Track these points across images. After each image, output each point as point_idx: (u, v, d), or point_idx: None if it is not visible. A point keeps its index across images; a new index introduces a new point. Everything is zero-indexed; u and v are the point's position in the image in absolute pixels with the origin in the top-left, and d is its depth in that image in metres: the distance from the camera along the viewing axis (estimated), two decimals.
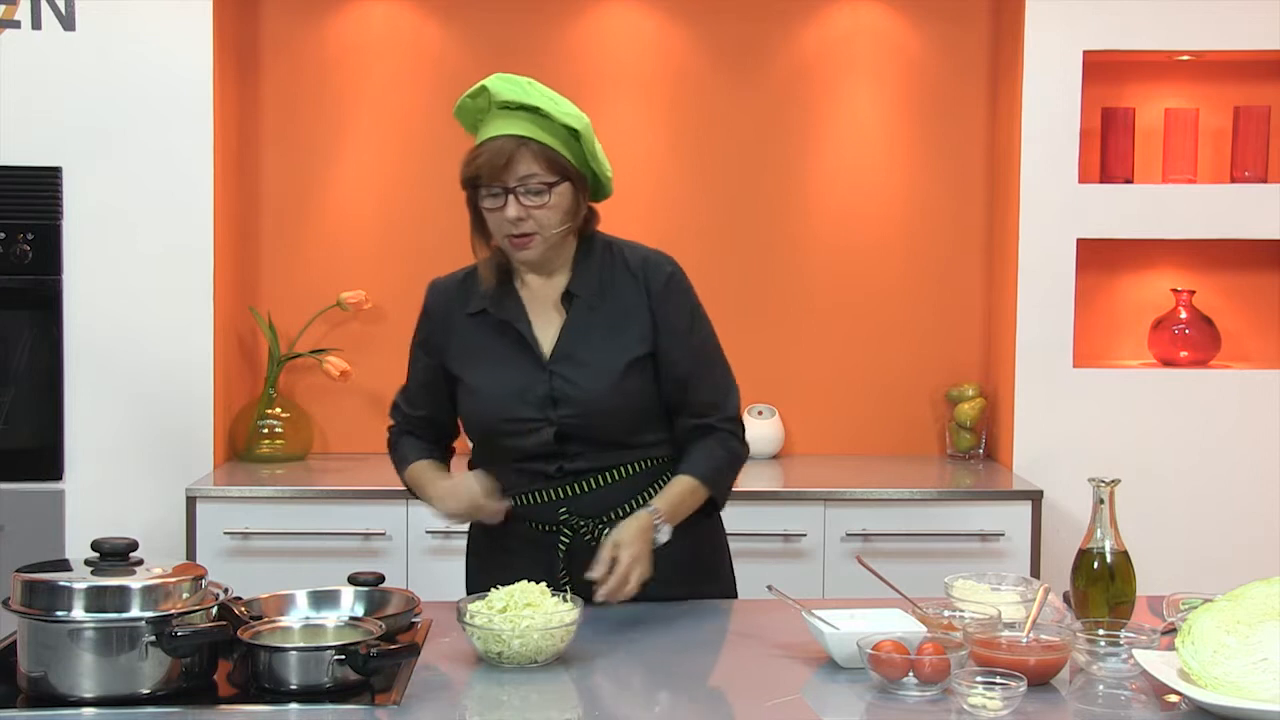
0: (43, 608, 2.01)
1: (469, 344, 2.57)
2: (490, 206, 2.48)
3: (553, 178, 2.44)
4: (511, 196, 2.44)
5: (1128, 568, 2.40)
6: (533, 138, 2.43)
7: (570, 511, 2.52)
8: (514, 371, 2.51)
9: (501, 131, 2.45)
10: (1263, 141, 4.05)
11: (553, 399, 2.49)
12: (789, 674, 2.23)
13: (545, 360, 2.50)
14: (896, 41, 4.28)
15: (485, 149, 2.46)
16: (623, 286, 2.53)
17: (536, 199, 2.44)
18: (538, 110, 2.44)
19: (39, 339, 3.84)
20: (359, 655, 2.03)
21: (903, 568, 2.67)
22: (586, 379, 2.48)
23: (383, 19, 4.25)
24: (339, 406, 4.28)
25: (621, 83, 4.27)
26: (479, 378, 2.54)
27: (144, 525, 3.78)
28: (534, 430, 2.49)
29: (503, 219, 2.46)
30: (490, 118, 2.49)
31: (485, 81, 2.49)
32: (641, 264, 2.54)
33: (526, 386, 2.49)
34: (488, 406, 2.53)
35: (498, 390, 2.52)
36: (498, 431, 2.53)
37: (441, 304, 2.63)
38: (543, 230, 2.46)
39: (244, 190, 4.21)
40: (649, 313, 2.51)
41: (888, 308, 4.32)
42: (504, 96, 2.45)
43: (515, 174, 2.43)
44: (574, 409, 2.48)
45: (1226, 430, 3.98)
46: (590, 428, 2.49)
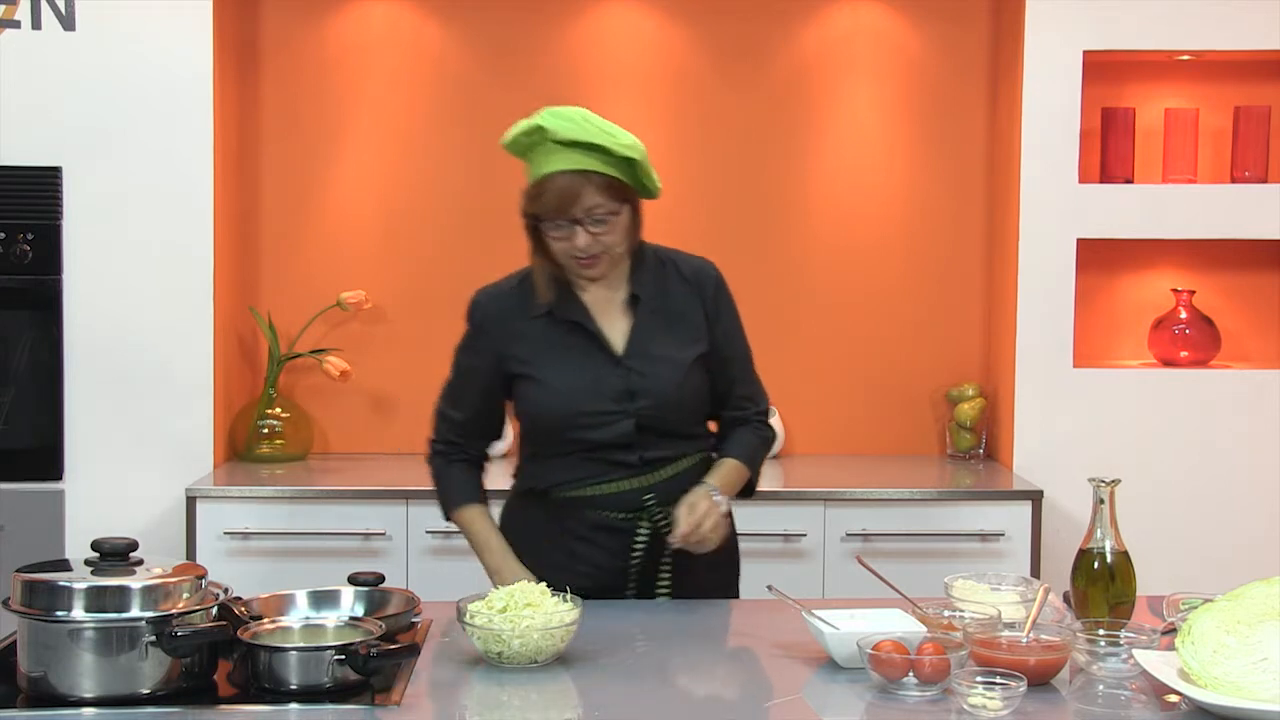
0: (43, 608, 2.02)
1: (536, 344, 2.65)
2: (557, 236, 2.57)
3: (616, 205, 2.55)
4: (579, 227, 2.54)
5: (1128, 568, 2.40)
6: (595, 170, 2.52)
7: (655, 499, 2.62)
8: (588, 367, 2.62)
9: (563, 167, 2.52)
10: (1263, 141, 4.05)
11: (630, 392, 2.61)
12: (789, 674, 2.23)
13: (619, 356, 2.62)
14: (896, 41, 4.28)
15: (550, 187, 2.53)
16: (677, 291, 2.68)
17: (602, 226, 2.55)
18: (594, 146, 2.52)
19: (39, 339, 3.84)
20: (359, 655, 2.03)
21: (903, 568, 2.67)
22: (660, 372, 2.62)
23: (383, 19, 4.25)
24: (339, 406, 4.28)
25: (621, 83, 4.27)
26: (552, 374, 2.63)
27: (144, 525, 3.79)
28: (613, 422, 2.60)
29: (571, 246, 2.56)
30: (546, 151, 2.55)
31: (539, 120, 2.53)
32: (694, 272, 2.70)
33: (603, 381, 2.61)
34: (565, 401, 2.61)
35: (574, 385, 2.61)
36: (575, 425, 2.61)
37: (495, 312, 2.70)
38: (609, 251, 2.58)
39: (244, 190, 4.21)
40: (703, 316, 2.68)
41: (888, 308, 4.32)
42: (562, 136, 2.51)
43: (581, 206, 2.53)
44: (651, 400, 2.61)
45: (1226, 430, 3.98)
46: (665, 419, 2.62)
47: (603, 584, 2.60)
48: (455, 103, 4.26)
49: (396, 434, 4.28)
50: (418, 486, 3.75)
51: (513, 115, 4.21)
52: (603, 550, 2.63)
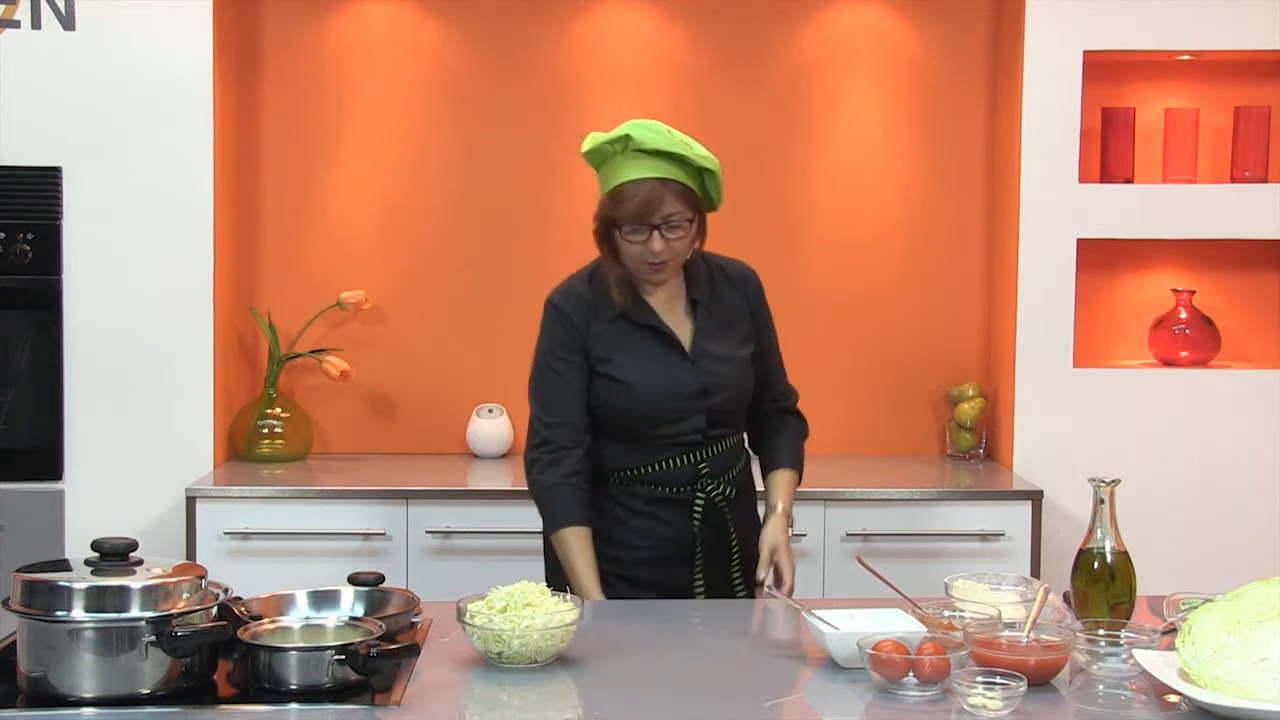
0: (43, 608, 2.01)
1: (614, 345, 2.78)
2: (634, 240, 2.70)
3: (690, 214, 2.71)
4: (656, 233, 2.68)
5: (1128, 568, 2.40)
6: (675, 180, 2.68)
7: (709, 470, 2.80)
8: (665, 368, 2.77)
9: (646, 175, 2.67)
10: (1263, 141, 4.05)
11: (704, 390, 2.77)
12: (789, 674, 2.23)
13: (691, 356, 2.79)
14: (896, 41, 4.28)
15: (635, 192, 2.67)
16: (725, 293, 2.87)
17: (675, 233, 2.70)
18: (675, 155, 2.67)
19: (39, 339, 3.84)
20: (359, 655, 2.03)
21: (903, 568, 2.67)
22: (726, 371, 2.80)
23: (383, 19, 4.25)
24: (339, 406, 4.28)
25: (621, 82, 4.27)
26: (634, 376, 2.76)
27: (144, 525, 3.79)
28: (688, 417, 2.77)
29: (646, 250, 2.70)
30: (625, 160, 2.69)
31: (627, 129, 2.68)
32: (740, 275, 2.91)
33: (679, 380, 2.77)
34: (646, 401, 2.75)
35: (655, 386, 2.76)
36: (654, 422, 2.77)
37: (580, 310, 2.80)
38: (676, 258, 2.74)
39: (244, 190, 4.21)
40: (749, 316, 2.88)
41: (888, 308, 4.32)
42: (648, 145, 2.66)
43: (661, 213, 2.67)
44: (721, 396, 2.79)
45: (1226, 430, 3.98)
46: (730, 410, 2.82)
47: (665, 554, 2.78)
48: (455, 103, 4.26)
49: (396, 434, 4.29)
50: (418, 486, 3.76)
51: (513, 115, 4.26)
52: (660, 522, 2.79)
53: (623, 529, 2.80)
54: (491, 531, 3.68)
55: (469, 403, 4.24)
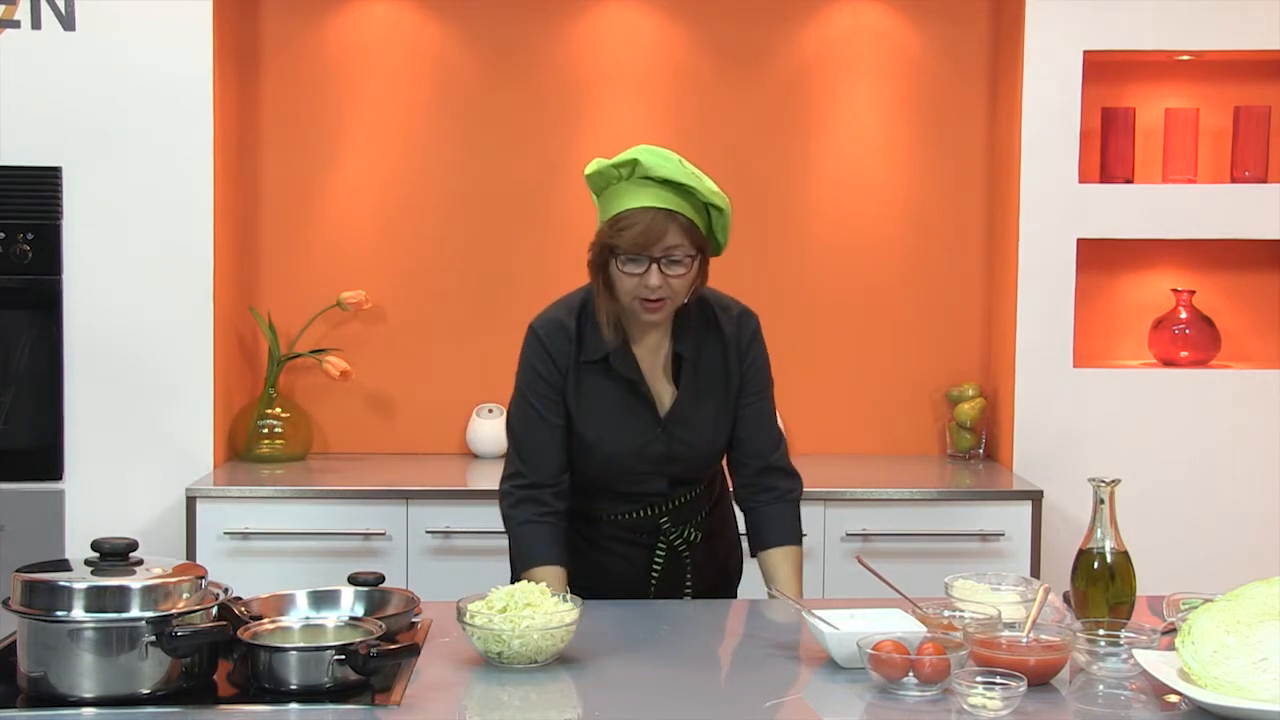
0: (43, 608, 2.01)
1: (588, 390, 2.66)
2: (630, 272, 2.55)
3: (693, 250, 2.55)
4: (655, 266, 2.53)
5: (1128, 568, 2.40)
6: (681, 212, 2.52)
7: (670, 521, 2.73)
8: (633, 428, 2.66)
9: (650, 204, 2.52)
10: (1263, 141, 4.05)
11: (669, 457, 2.67)
12: (789, 674, 2.23)
13: (663, 421, 2.67)
14: (896, 41, 4.28)
15: (637, 220, 2.51)
16: (714, 348, 2.70)
17: (675, 269, 2.54)
18: (684, 186, 2.53)
19: (39, 339, 3.84)
20: (359, 655, 2.03)
21: (903, 568, 2.67)
22: (697, 440, 2.69)
23: (383, 19, 4.25)
24: (339, 406, 4.28)
25: (621, 83, 4.27)
26: (600, 433, 2.65)
27: (144, 525, 3.79)
28: (649, 479, 2.69)
29: (641, 284, 2.54)
30: (630, 187, 2.54)
31: (636, 154, 2.53)
32: (734, 326, 2.72)
33: (646, 445, 2.66)
34: (608, 460, 2.67)
35: (619, 447, 2.66)
36: (613, 480, 2.70)
37: (562, 347, 2.66)
38: (674, 297, 2.58)
39: (244, 190, 4.21)
40: (739, 372, 2.72)
41: (888, 308, 4.32)
42: (656, 172, 2.52)
43: (662, 245, 2.52)
44: (687, 465, 2.70)
45: (1226, 430, 3.98)
46: (695, 472, 2.73)
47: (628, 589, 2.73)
48: (455, 103, 4.26)
49: (396, 434, 4.29)
50: (418, 486, 3.76)
51: (513, 115, 4.27)
52: (624, 561, 2.74)
53: (586, 561, 2.71)
54: (491, 531, 3.65)
55: (469, 403, 4.25)
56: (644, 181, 2.52)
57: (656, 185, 2.51)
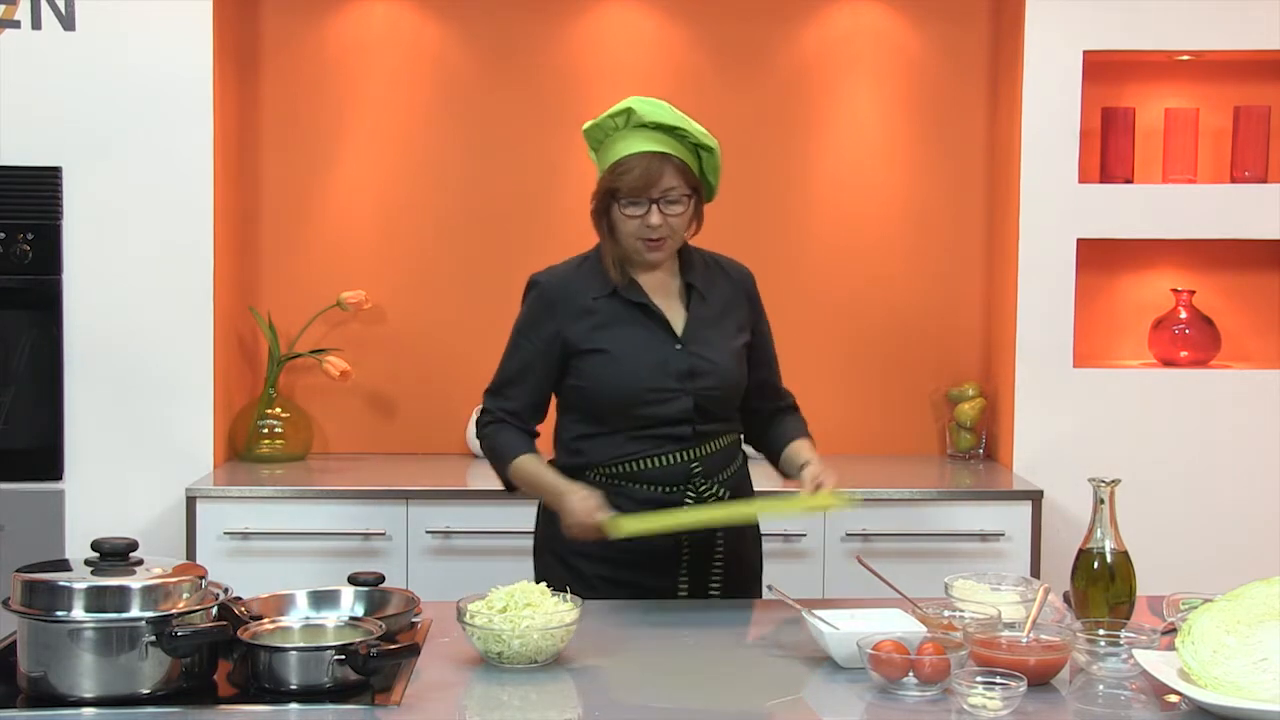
0: (43, 608, 2.02)
1: (603, 322, 2.75)
2: (632, 214, 2.70)
3: (688, 190, 2.71)
4: (655, 206, 2.68)
5: (1128, 568, 2.41)
6: (674, 154, 2.69)
7: (701, 469, 2.75)
8: (653, 347, 2.74)
9: (645, 148, 2.68)
10: (1263, 141, 4.05)
11: (691, 372, 2.73)
12: (789, 674, 2.23)
13: (680, 338, 2.75)
14: (896, 41, 4.28)
15: (634, 165, 2.68)
16: (722, 285, 2.85)
17: (674, 208, 2.70)
18: (676, 130, 2.69)
19: (39, 339, 3.84)
20: (359, 655, 2.03)
21: (903, 568, 2.67)
22: (717, 357, 2.77)
23: (383, 19, 4.25)
24: (339, 406, 4.28)
25: (621, 83, 4.26)
26: (621, 351, 2.73)
27: (144, 525, 3.79)
28: (675, 399, 2.72)
29: (643, 225, 2.69)
30: (626, 135, 2.72)
31: (630, 103, 2.70)
32: (737, 270, 2.90)
33: (668, 360, 2.73)
34: (633, 377, 2.72)
35: (642, 362, 2.72)
36: (640, 400, 2.71)
37: (561, 290, 2.78)
38: (674, 235, 2.73)
39: (244, 190, 4.21)
40: (746, 311, 2.86)
41: (888, 308, 4.32)
42: (649, 118, 2.68)
43: (659, 187, 2.68)
44: (710, 381, 2.75)
45: (1226, 430, 3.98)
46: (719, 399, 2.77)
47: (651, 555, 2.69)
48: (455, 103, 4.26)
49: (396, 434, 4.29)
50: (418, 486, 3.76)
51: (513, 115, 4.26)
52: None
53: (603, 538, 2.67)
54: (491, 531, 3.68)
55: (469, 403, 4.23)
56: (639, 129, 2.69)
57: (650, 130, 2.68)
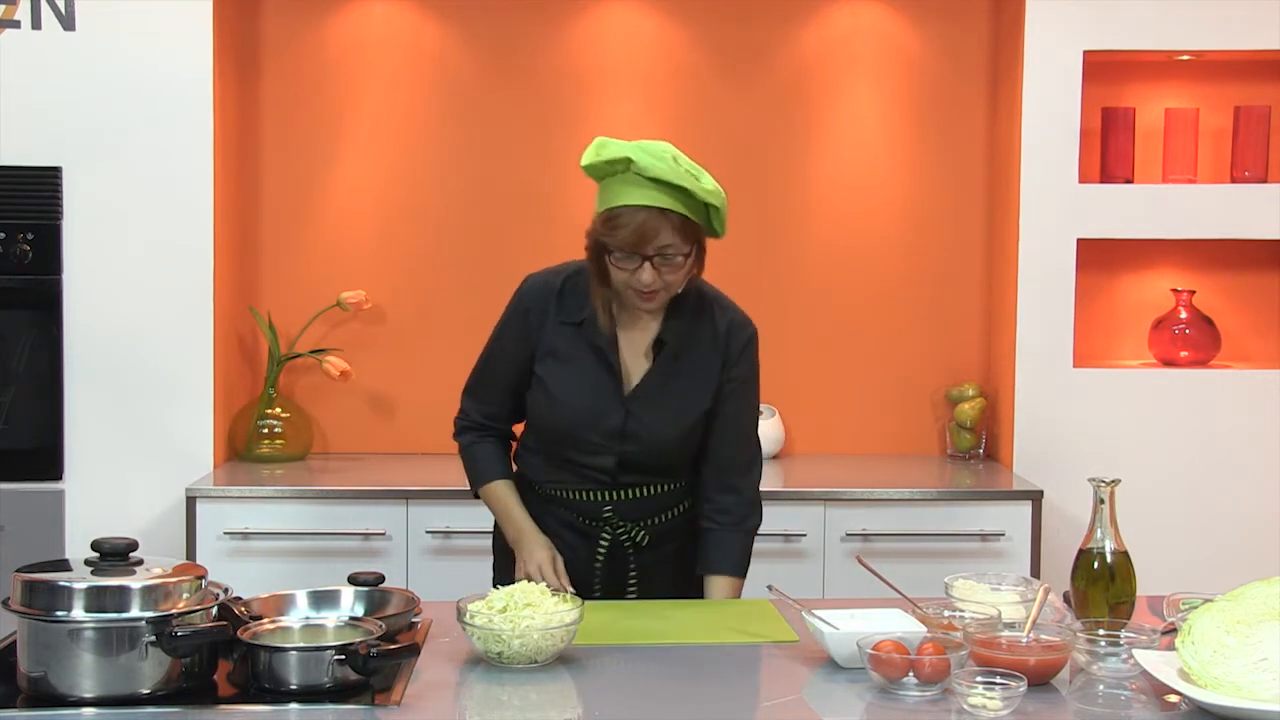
0: (43, 608, 2.01)
1: (559, 350, 2.67)
2: (624, 268, 2.54)
3: (687, 248, 2.53)
4: (648, 263, 2.52)
5: (1128, 568, 2.40)
6: (675, 211, 2.49)
7: (614, 513, 2.70)
8: (595, 395, 2.64)
9: (644, 203, 2.49)
10: (1263, 141, 4.05)
11: (623, 434, 2.64)
12: (789, 674, 2.23)
13: (626, 395, 2.65)
14: (896, 41, 4.28)
15: (628, 220, 2.49)
16: (703, 345, 2.67)
17: (668, 265, 2.53)
18: (680, 187, 2.49)
19: (39, 339, 3.84)
20: (359, 655, 2.03)
21: (903, 568, 2.67)
22: (659, 424, 2.65)
23: (383, 19, 4.25)
24: (339, 406, 4.28)
25: (621, 83, 4.27)
26: (563, 389, 2.66)
27: (144, 525, 3.79)
28: (599, 453, 2.66)
29: (634, 279, 2.54)
30: (626, 182, 2.51)
31: (630, 152, 2.50)
32: (726, 329, 2.69)
33: (603, 414, 2.64)
34: (563, 421, 2.66)
35: (576, 409, 2.65)
36: (566, 443, 2.68)
37: (540, 302, 2.69)
38: (669, 289, 2.58)
39: (244, 190, 4.21)
40: (720, 375, 2.68)
41: (888, 308, 4.32)
42: (650, 173, 2.48)
43: (655, 245, 2.51)
44: (640, 446, 2.65)
45: (1226, 430, 3.98)
46: (647, 463, 2.67)
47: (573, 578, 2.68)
48: (455, 103, 4.26)
49: (396, 434, 4.29)
50: (418, 486, 3.76)
51: (513, 115, 4.26)
52: (569, 548, 2.72)
53: None
54: (491, 532, 3.67)
55: None
56: (639, 179, 2.49)
57: (651, 184, 2.48)
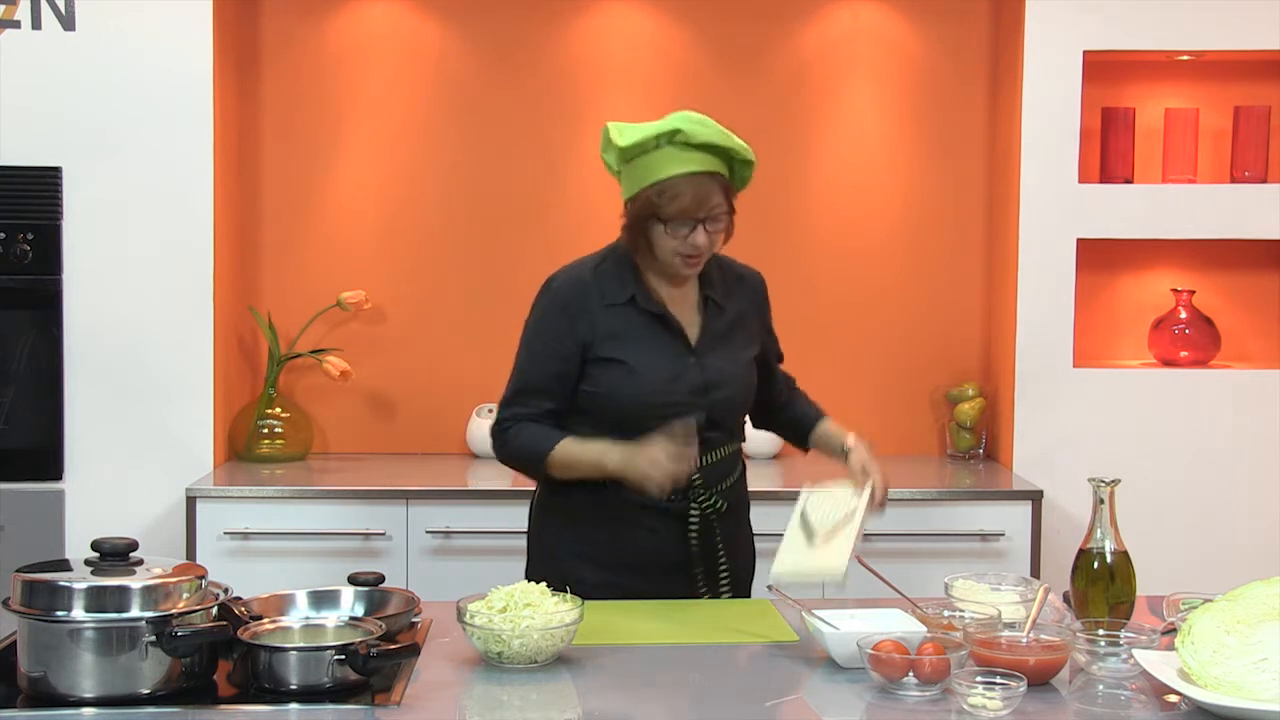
0: (43, 608, 2.01)
1: (617, 330, 2.69)
2: (677, 234, 2.62)
3: (729, 207, 2.67)
4: (701, 226, 2.62)
5: (1128, 568, 2.41)
6: (721, 173, 2.64)
7: (702, 481, 2.70)
8: (669, 359, 2.69)
9: (697, 169, 2.60)
10: (1263, 141, 4.05)
11: (705, 386, 2.70)
12: (789, 674, 2.23)
13: (695, 351, 2.71)
14: (896, 41, 4.28)
15: (685, 188, 2.60)
16: (737, 294, 2.82)
17: (716, 226, 2.65)
18: (723, 149, 2.62)
19: (39, 339, 3.84)
20: (359, 655, 2.03)
21: (903, 568, 2.67)
22: (731, 368, 2.75)
23: (383, 19, 4.25)
24: (339, 406, 4.28)
25: (621, 82, 4.27)
26: (639, 361, 2.68)
27: (144, 525, 3.79)
28: (686, 411, 2.65)
29: (686, 244, 2.63)
30: (671, 154, 2.60)
31: (677, 123, 2.59)
32: (750, 275, 2.88)
33: (682, 373, 2.69)
34: (646, 388, 2.66)
35: (659, 374, 2.68)
36: (653, 413, 2.64)
37: (579, 294, 2.70)
38: (710, 251, 2.69)
39: (244, 190, 4.21)
40: (757, 319, 2.86)
41: (888, 308, 4.32)
42: (699, 139, 2.59)
43: (707, 207, 2.62)
44: (724, 394, 2.72)
45: (1226, 430, 3.98)
46: (731, 411, 2.76)
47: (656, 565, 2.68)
48: (455, 103, 4.26)
49: (396, 434, 4.29)
50: (418, 486, 3.76)
51: (513, 115, 4.26)
52: (650, 532, 2.68)
53: (612, 537, 2.69)
54: (491, 531, 3.68)
55: (469, 403, 4.24)
56: (685, 147, 2.59)
57: (698, 150, 2.60)
